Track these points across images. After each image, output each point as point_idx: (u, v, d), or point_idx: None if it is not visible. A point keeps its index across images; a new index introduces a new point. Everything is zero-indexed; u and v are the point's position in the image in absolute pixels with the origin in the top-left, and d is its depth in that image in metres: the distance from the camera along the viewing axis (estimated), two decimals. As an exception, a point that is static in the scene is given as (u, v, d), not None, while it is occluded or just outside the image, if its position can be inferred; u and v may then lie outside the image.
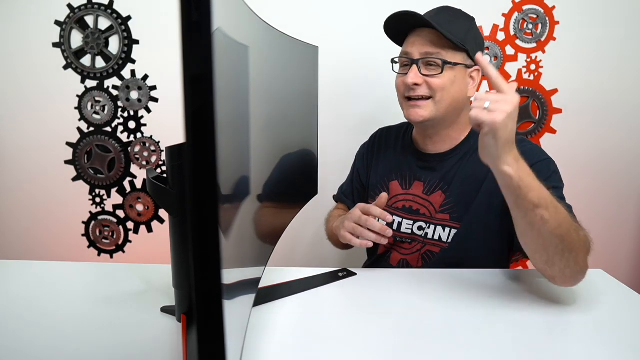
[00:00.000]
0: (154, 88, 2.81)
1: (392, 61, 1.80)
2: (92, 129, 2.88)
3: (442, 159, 1.83)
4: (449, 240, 1.76)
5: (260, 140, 1.14)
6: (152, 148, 2.88)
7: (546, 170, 1.63)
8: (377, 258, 1.92)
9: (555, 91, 2.67)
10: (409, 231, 1.83)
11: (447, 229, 1.76)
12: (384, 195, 1.65)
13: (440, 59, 1.68)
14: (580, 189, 2.72)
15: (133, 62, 2.79)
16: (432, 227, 1.79)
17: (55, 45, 2.78)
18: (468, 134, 1.83)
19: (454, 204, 1.76)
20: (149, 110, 2.84)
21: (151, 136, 2.87)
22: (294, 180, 1.70)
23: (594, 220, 2.73)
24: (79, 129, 2.88)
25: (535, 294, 1.50)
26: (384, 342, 1.20)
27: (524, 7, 2.60)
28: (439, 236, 1.77)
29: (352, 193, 2.10)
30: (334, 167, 2.34)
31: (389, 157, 1.98)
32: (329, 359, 1.12)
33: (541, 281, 1.59)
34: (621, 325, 1.29)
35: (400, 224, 1.84)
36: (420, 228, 1.81)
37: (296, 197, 1.74)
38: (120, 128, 2.87)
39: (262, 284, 1.25)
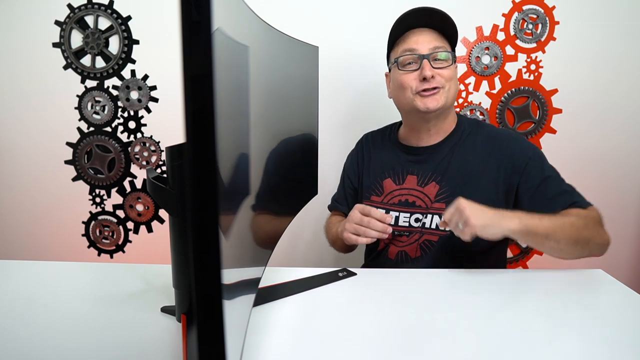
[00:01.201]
0: (154, 88, 2.82)
1: (395, 60, 1.85)
2: (92, 129, 2.88)
3: (432, 151, 1.91)
4: (448, 229, 1.77)
5: (260, 140, 1.14)
6: (152, 148, 2.88)
7: (539, 166, 1.81)
8: (377, 254, 1.94)
9: (555, 91, 2.67)
10: (407, 224, 1.88)
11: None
12: (388, 218, 1.73)
13: (448, 51, 1.82)
14: (579, 189, 2.70)
15: (133, 62, 2.79)
16: (430, 216, 1.84)
17: (55, 45, 2.79)
18: (455, 125, 1.94)
19: (449, 193, 1.82)
20: (149, 110, 2.84)
21: (151, 136, 2.87)
22: (295, 181, 1.70)
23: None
24: (79, 129, 2.88)
25: (535, 293, 1.50)
26: (384, 342, 1.20)
27: (524, 7, 2.60)
28: (436, 225, 1.83)
29: (345, 199, 2.15)
30: (334, 167, 2.35)
31: (378, 158, 2.03)
32: (329, 358, 1.12)
33: (541, 281, 1.59)
34: (621, 325, 1.29)
35: (397, 217, 1.89)
36: (417, 220, 1.86)
37: (296, 197, 1.74)
38: (120, 128, 2.88)
39: (262, 284, 1.25)
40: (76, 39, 2.79)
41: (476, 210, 1.54)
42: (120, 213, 3.00)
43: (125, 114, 2.86)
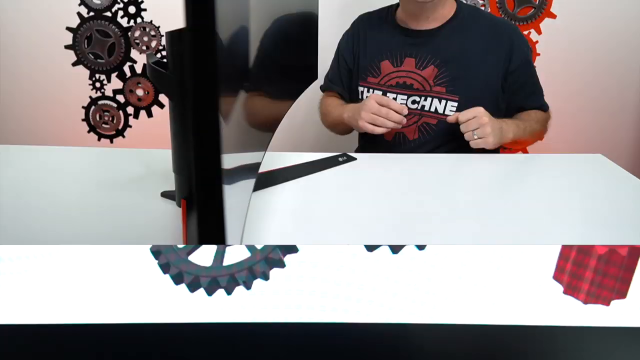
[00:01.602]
0: (153, -28, 2.76)
1: None
2: (92, 13, 2.83)
3: (432, 34, 1.90)
4: (446, 112, 1.84)
5: (260, 23, 1.13)
6: (152, 33, 2.85)
7: (530, 63, 1.97)
8: (373, 134, 1.95)
9: (556, -26, 2.62)
10: None
11: (444, 101, 1.85)
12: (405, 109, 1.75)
13: None
14: (579, 73, 2.71)
15: (132, -57, 2.74)
16: (429, 99, 1.86)
17: None
18: (455, 10, 1.92)
19: (449, 77, 1.84)
20: (148, -5, 2.80)
21: (151, 21, 2.83)
22: (295, 64, 1.70)
23: (593, 104, 2.74)
24: (79, 13, 2.83)
25: (535, 178, 1.53)
26: (383, 226, 1.21)
27: None
28: (435, 108, 1.86)
29: (340, 79, 2.12)
30: (333, 52, 2.32)
31: (376, 39, 2.02)
32: (329, 242, 1.14)
33: (541, 166, 1.61)
34: (621, 208, 1.31)
35: (394, 99, 1.89)
36: (414, 102, 1.88)
37: (296, 81, 1.73)
38: (120, 13, 2.83)
39: (262, 169, 1.25)
40: None
41: (495, 128, 1.64)
42: (120, 98, 2.98)
43: (125, -2, 2.82)
